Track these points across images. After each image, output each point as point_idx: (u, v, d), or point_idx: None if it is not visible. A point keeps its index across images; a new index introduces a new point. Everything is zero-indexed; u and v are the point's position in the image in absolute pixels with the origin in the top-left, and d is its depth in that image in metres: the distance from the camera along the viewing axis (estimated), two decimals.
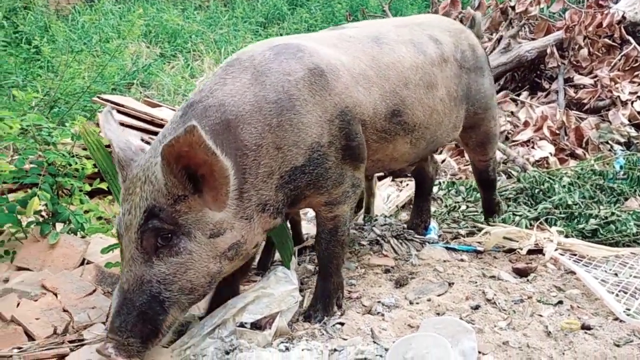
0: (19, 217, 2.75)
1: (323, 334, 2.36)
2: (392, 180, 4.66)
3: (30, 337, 2.25)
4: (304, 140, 2.18)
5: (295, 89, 2.17)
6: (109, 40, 8.24)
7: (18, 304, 2.39)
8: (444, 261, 3.08)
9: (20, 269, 2.75)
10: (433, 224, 3.58)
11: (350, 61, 2.44)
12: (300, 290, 2.80)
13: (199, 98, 2.11)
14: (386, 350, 2.18)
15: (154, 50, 8.88)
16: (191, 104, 2.10)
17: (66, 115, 5.67)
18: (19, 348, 2.16)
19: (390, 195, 4.28)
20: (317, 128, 2.21)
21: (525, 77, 6.71)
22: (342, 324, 2.43)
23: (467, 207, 4.02)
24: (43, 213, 2.95)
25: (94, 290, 2.56)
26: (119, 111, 3.86)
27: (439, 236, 3.49)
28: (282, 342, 2.25)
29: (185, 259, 1.94)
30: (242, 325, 2.29)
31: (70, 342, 2.22)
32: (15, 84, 6.73)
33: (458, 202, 4.08)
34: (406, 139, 2.67)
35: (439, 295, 2.68)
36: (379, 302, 2.61)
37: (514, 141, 5.42)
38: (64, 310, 2.41)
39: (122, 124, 3.52)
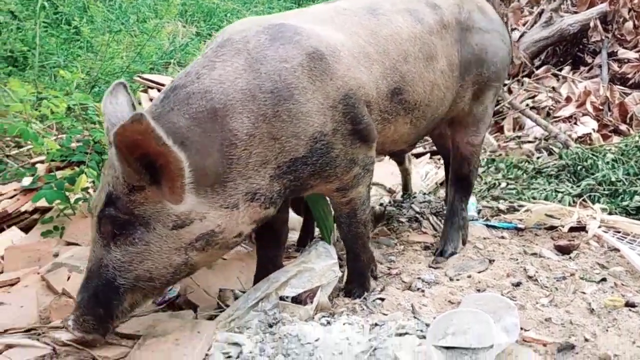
0: (67, 194, 2.84)
1: (363, 309, 2.39)
2: (430, 158, 4.64)
3: None
4: (305, 131, 2.04)
5: (293, 77, 2.02)
6: (146, 20, 8.34)
7: (68, 278, 2.48)
8: (484, 238, 3.07)
9: (69, 244, 2.84)
10: (472, 199, 3.52)
11: (349, 38, 2.27)
12: (340, 266, 2.82)
13: (184, 82, 1.97)
14: (427, 325, 2.19)
15: (190, 30, 8.94)
16: (174, 87, 1.97)
17: (85, 94, 5.77)
18: None
19: (429, 173, 4.26)
20: (319, 116, 2.06)
21: (568, 51, 6.55)
22: (382, 299, 2.45)
23: (507, 184, 3.97)
24: (90, 190, 3.03)
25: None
26: (159, 90, 3.91)
27: (478, 212, 3.46)
28: (324, 317, 2.27)
29: (142, 250, 1.88)
30: (283, 299, 2.33)
31: None
32: (57, 64, 6.88)
33: (498, 179, 4.03)
34: (406, 119, 2.49)
35: (479, 272, 2.67)
36: (418, 278, 2.62)
37: (555, 117, 5.31)
38: None
39: None
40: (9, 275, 2.55)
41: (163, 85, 4.00)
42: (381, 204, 3.63)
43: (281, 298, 2.33)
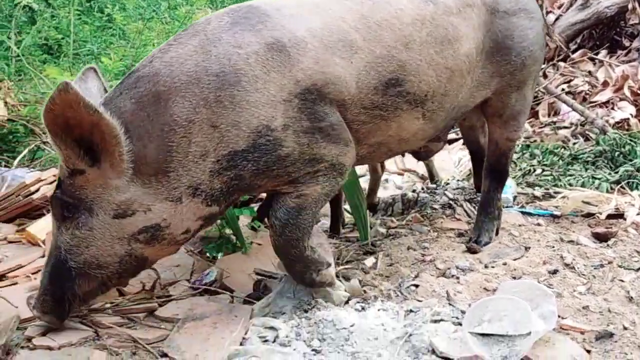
0: None
1: (398, 295, 2.39)
2: (464, 144, 4.58)
3: (121, 293, 2.39)
4: (248, 122, 1.88)
5: (244, 63, 1.89)
6: (177, 7, 8.38)
7: None
8: (520, 225, 3.04)
9: None
10: (509, 182, 3.42)
11: (327, 26, 2.05)
12: (373, 253, 2.83)
13: (138, 67, 1.94)
14: (462, 312, 2.19)
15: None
16: (130, 73, 1.94)
17: None
18: (112, 302, 2.30)
19: (462, 159, 4.22)
20: (268, 109, 1.90)
21: (604, 34, 6.38)
22: (416, 285, 2.45)
23: (543, 170, 3.92)
24: None
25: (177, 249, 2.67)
26: None
27: (514, 197, 3.42)
28: (358, 302, 2.29)
29: (86, 235, 1.88)
30: None
31: (158, 297, 2.35)
32: (91, 52, 6.98)
33: (533, 166, 3.98)
34: (415, 114, 2.25)
35: (514, 260, 2.65)
36: (453, 265, 2.61)
37: (592, 102, 5.20)
38: (151, 268, 2.54)
39: None
40: None
41: None
42: (414, 191, 3.62)
43: None
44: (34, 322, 2.11)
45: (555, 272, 2.51)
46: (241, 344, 2.01)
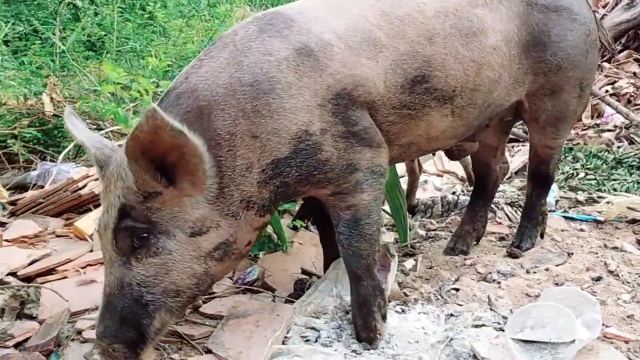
0: None
1: (438, 299, 2.39)
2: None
3: None
4: (287, 129, 1.87)
5: (276, 71, 1.87)
6: (216, 5, 8.48)
7: None
8: (562, 230, 3.00)
9: None
10: (552, 186, 3.33)
11: (351, 27, 2.03)
12: (412, 255, 2.84)
13: (174, 85, 1.91)
14: (504, 318, 2.18)
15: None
16: (168, 91, 1.92)
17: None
18: None
19: None
20: (305, 114, 1.88)
21: None
22: (456, 289, 2.45)
23: (586, 174, 3.86)
24: None
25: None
26: None
27: (557, 201, 3.37)
28: (398, 305, 2.30)
29: (165, 260, 1.79)
30: None
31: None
32: (133, 49, 7.12)
33: (576, 169, 3.92)
34: (444, 111, 2.19)
35: (557, 265, 2.62)
36: (494, 269, 2.60)
37: (637, 105, 5.09)
38: None
39: None
40: (99, 254, 2.69)
41: None
42: (454, 193, 3.61)
43: None
44: (83, 315, 2.18)
45: (599, 279, 2.48)
46: (283, 343, 2.04)
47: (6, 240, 2.97)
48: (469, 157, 3.33)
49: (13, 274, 2.60)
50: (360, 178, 2.01)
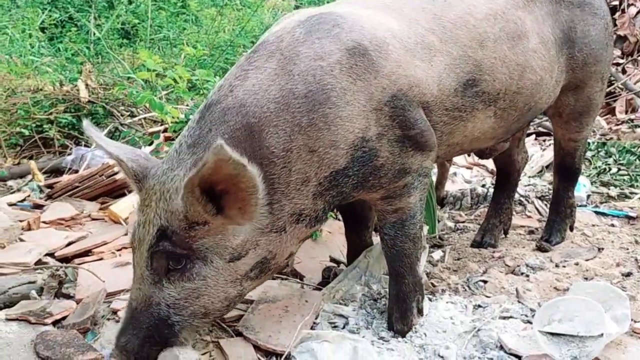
0: None
1: (465, 290, 2.41)
2: (535, 138, 4.51)
3: None
4: (345, 139, 1.79)
5: (329, 77, 1.77)
6: None
7: None
8: (593, 225, 2.98)
9: None
10: (584, 181, 3.33)
11: (404, 28, 1.97)
12: (440, 246, 2.85)
13: (217, 98, 1.79)
14: (532, 310, 2.19)
15: (290, 4, 9.06)
16: (209, 105, 1.80)
17: (210, 68, 5.99)
18: None
19: (534, 155, 4.15)
20: (361, 120, 1.81)
21: None
22: (484, 281, 2.46)
23: (619, 170, 3.81)
24: None
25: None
26: None
27: (588, 196, 3.34)
28: (426, 295, 2.32)
29: (199, 285, 1.72)
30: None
31: None
32: (166, 37, 7.21)
33: (608, 164, 3.87)
34: (488, 112, 2.18)
35: (587, 260, 2.61)
36: (523, 263, 2.59)
37: None
38: None
39: None
40: None
41: None
42: (483, 185, 3.60)
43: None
44: (119, 295, 2.25)
45: (629, 274, 2.46)
46: (312, 329, 2.08)
47: (44, 222, 3.07)
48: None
49: (51, 254, 2.69)
50: (409, 182, 1.99)
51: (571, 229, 2.86)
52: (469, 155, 4.18)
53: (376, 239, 2.65)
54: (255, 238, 1.76)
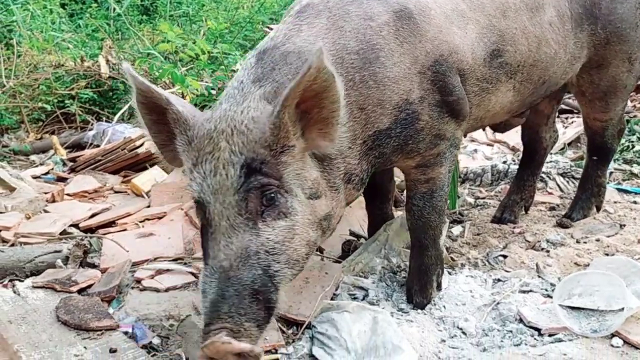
0: None
1: (485, 265, 2.41)
2: (558, 116, 4.45)
3: None
4: (390, 99, 1.81)
5: (378, 37, 1.80)
6: None
7: None
8: (615, 202, 2.96)
9: None
10: None
11: None
12: (460, 222, 2.85)
13: (274, 44, 1.78)
14: (552, 285, 2.18)
15: None
16: (264, 50, 1.77)
17: (230, 43, 5.99)
18: None
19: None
20: (406, 83, 1.83)
21: None
22: (504, 256, 2.46)
23: None
24: None
25: None
26: None
27: (610, 173, 3.31)
28: (446, 268, 2.32)
29: (292, 222, 1.60)
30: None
31: None
32: (185, 13, 7.20)
33: (632, 142, 3.82)
34: (508, 85, 2.18)
35: (608, 236, 2.59)
36: (543, 238, 2.59)
37: None
38: None
39: None
40: (156, 210, 2.80)
41: None
42: (504, 162, 3.58)
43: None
44: (142, 265, 2.29)
45: None
46: (332, 300, 2.10)
47: (67, 195, 3.13)
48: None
49: (75, 225, 2.74)
50: (442, 150, 2.01)
51: (598, 209, 2.83)
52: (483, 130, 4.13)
53: (396, 213, 2.67)
54: (324, 187, 1.72)
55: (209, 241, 1.59)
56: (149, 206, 2.89)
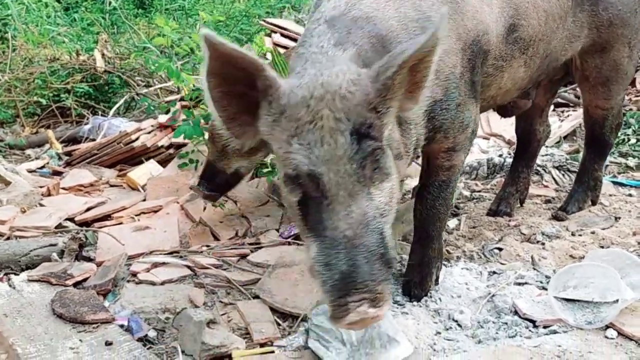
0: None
1: (480, 257, 2.41)
2: (554, 109, 4.45)
3: (216, 238, 2.53)
4: (442, 70, 1.84)
5: (431, 10, 1.82)
6: None
7: (204, 208, 2.69)
8: (610, 195, 2.96)
9: None
10: None
11: None
12: (456, 215, 2.85)
13: (339, 12, 1.74)
14: (547, 277, 2.19)
15: None
16: (332, 18, 1.73)
17: (227, 37, 5.97)
18: (207, 246, 2.45)
19: (552, 125, 4.10)
20: (453, 57, 1.87)
21: None
22: (500, 249, 2.46)
23: (637, 140, 3.76)
24: None
25: (268, 201, 2.80)
26: (282, 35, 4.01)
27: (606, 166, 3.31)
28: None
29: (392, 183, 1.55)
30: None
31: (250, 244, 2.48)
32: (181, 7, 7.18)
33: (627, 135, 3.82)
34: (520, 61, 2.20)
35: (603, 229, 2.60)
36: (539, 231, 2.59)
37: None
38: (243, 216, 2.68)
39: (285, 48, 3.68)
40: (152, 203, 2.80)
41: (287, 29, 4.08)
42: (500, 155, 3.58)
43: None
44: (138, 259, 2.29)
45: None
46: None
47: (63, 188, 3.12)
48: None
49: (71, 219, 2.74)
50: (468, 135, 2.04)
51: (594, 203, 2.83)
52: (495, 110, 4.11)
53: None
54: (402, 148, 1.73)
55: (321, 213, 1.47)
56: (144, 200, 2.89)
